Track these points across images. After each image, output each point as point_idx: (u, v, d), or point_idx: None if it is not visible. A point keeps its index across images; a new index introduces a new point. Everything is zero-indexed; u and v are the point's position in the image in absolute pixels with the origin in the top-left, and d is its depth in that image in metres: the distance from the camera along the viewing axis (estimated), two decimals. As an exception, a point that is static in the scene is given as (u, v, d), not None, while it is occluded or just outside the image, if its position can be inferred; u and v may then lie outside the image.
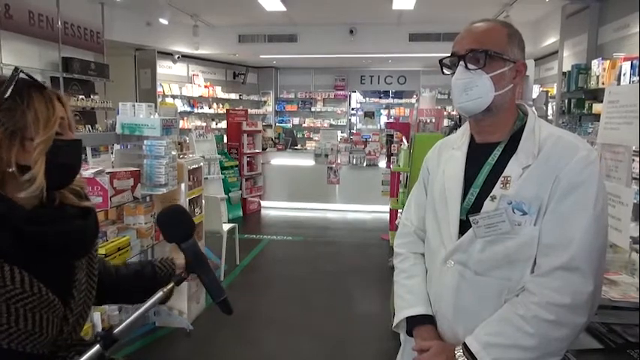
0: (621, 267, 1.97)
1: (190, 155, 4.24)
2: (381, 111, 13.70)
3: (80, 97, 6.84)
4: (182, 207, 1.27)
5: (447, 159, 1.44)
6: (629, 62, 4.76)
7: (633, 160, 1.87)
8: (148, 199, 3.48)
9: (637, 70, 4.63)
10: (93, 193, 2.83)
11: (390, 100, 13.90)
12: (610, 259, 1.94)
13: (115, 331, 1.10)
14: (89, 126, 6.85)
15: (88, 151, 3.25)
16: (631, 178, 1.79)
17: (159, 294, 1.19)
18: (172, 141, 3.62)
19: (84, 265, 1.21)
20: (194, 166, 3.92)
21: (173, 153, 3.54)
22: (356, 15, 8.85)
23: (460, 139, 1.45)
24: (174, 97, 10.33)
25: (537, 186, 1.24)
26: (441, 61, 1.36)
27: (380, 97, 14.24)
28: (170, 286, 1.21)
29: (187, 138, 7.25)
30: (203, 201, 4.17)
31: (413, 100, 12.78)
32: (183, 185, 3.70)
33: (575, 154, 1.23)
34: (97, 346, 1.07)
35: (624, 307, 1.49)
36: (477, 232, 1.28)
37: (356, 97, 14.34)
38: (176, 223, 1.23)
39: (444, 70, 1.36)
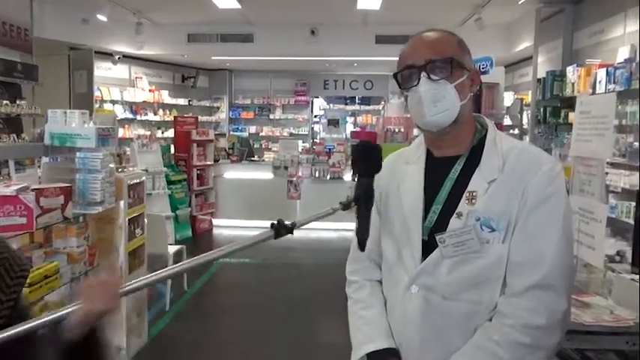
0: (598, 287, 2.05)
1: (131, 168, 4.17)
2: (347, 118, 13.84)
3: (4, 102, 6.62)
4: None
5: (403, 175, 1.46)
6: (605, 69, 5.00)
7: (607, 173, 1.96)
8: (80, 219, 3.38)
9: (612, 77, 4.87)
10: (15, 213, 2.73)
11: (357, 107, 14.07)
12: (585, 281, 2.02)
13: None
14: (14, 135, 6.61)
15: (11, 165, 3.14)
16: (604, 193, 1.88)
17: None
18: (110, 153, 3.55)
19: None
20: (135, 181, 3.85)
21: (111, 166, 3.47)
22: (318, 14, 8.95)
23: (415, 152, 1.48)
24: (114, 102, 10.17)
25: (505, 200, 1.29)
26: (395, 75, 1.40)
27: (345, 104, 14.39)
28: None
29: (128, 149, 7.14)
30: (145, 220, 4.10)
31: (381, 107, 12.99)
32: (122, 203, 3.63)
33: (540, 166, 1.29)
34: None
35: (598, 331, 1.55)
36: (444, 252, 1.31)
37: (319, 104, 14.45)
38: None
39: (400, 86, 1.39)
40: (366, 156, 1.21)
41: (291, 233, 1.12)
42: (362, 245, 1.24)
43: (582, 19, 6.46)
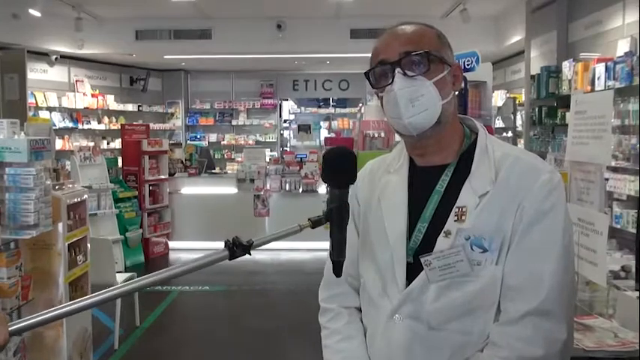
0: (602, 307, 2.09)
1: (71, 185, 4.12)
2: (321, 123, 13.88)
3: None
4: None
5: (384, 186, 1.47)
6: (603, 64, 5.13)
7: (607, 179, 2.00)
8: (12, 245, 3.32)
9: (612, 73, 5.00)
10: None
11: (331, 110, 14.13)
12: (587, 300, 2.05)
13: None
14: None
15: None
16: (604, 202, 1.92)
17: None
18: (45, 167, 3.51)
19: None
20: (76, 200, 3.82)
21: (47, 183, 3.43)
22: (285, 6, 9.00)
23: (397, 160, 1.48)
24: (50, 109, 10.04)
25: (498, 217, 1.29)
26: (367, 74, 1.40)
27: (318, 107, 14.45)
28: None
29: (68, 163, 7.03)
30: (89, 245, 4.05)
31: (357, 110, 13.06)
32: (60, 225, 3.59)
33: (537, 177, 1.30)
34: None
35: (601, 357, 1.57)
36: (430, 275, 1.31)
37: (288, 107, 14.48)
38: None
39: (373, 86, 1.39)
40: (338, 164, 1.21)
41: (248, 253, 1.10)
42: (338, 269, 1.24)
43: (577, 9, 6.63)
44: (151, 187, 8.07)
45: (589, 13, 6.33)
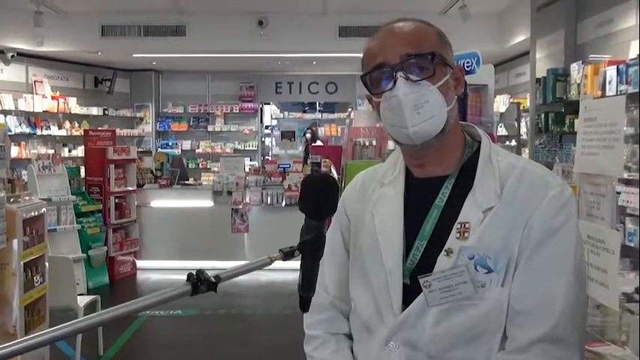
0: (614, 333, 2.10)
1: (27, 198, 4.10)
2: (306, 130, 13.92)
3: None
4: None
5: (377, 200, 1.47)
6: (615, 67, 5.20)
7: (619, 192, 2.02)
8: (-40, 264, 3.31)
9: (624, 76, 5.06)
10: None
11: (317, 115, 14.16)
12: (598, 325, 2.07)
13: None
14: None
15: None
16: (616, 218, 1.93)
17: None
18: (-1, 178, 3.50)
19: None
20: (33, 214, 3.82)
21: (1, 195, 3.45)
22: (267, 0, 9.03)
23: (391, 171, 1.49)
24: (5, 112, 9.99)
25: (504, 234, 1.30)
26: (363, 78, 1.40)
27: (304, 111, 14.47)
28: None
29: (25, 172, 6.99)
30: (47, 264, 4.04)
31: (346, 115, 13.10)
32: (15, 242, 3.57)
33: (546, 191, 1.32)
34: None
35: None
36: (430, 298, 1.32)
37: (270, 111, 14.50)
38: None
39: (370, 92, 1.39)
40: (318, 194, 1.19)
41: (214, 290, 1.05)
42: (305, 306, 1.24)
43: (587, 7, 6.71)
44: (117, 200, 8.02)
45: (599, 11, 6.40)
